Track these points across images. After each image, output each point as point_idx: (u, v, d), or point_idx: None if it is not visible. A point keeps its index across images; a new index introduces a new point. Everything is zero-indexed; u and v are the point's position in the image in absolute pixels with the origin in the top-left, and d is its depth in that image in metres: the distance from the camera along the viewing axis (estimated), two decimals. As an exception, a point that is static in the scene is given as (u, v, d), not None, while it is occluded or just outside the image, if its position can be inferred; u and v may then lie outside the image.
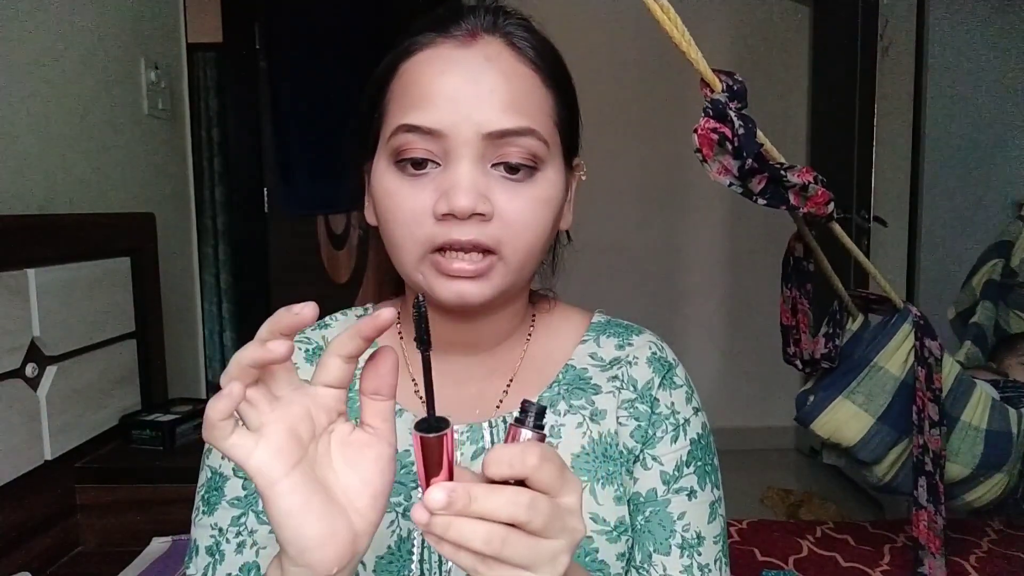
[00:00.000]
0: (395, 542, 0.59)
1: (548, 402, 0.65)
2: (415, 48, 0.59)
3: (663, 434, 0.65)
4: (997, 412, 1.40)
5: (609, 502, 0.62)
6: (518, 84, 0.57)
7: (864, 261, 1.28)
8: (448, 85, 0.56)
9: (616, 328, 0.71)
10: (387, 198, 0.58)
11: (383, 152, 0.59)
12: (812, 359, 1.37)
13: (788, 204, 0.99)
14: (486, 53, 0.57)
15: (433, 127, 0.55)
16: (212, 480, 0.64)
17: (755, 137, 0.90)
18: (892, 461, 1.37)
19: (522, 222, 0.57)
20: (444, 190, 0.55)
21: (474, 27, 0.58)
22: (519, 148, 0.57)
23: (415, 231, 0.56)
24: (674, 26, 0.80)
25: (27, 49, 1.37)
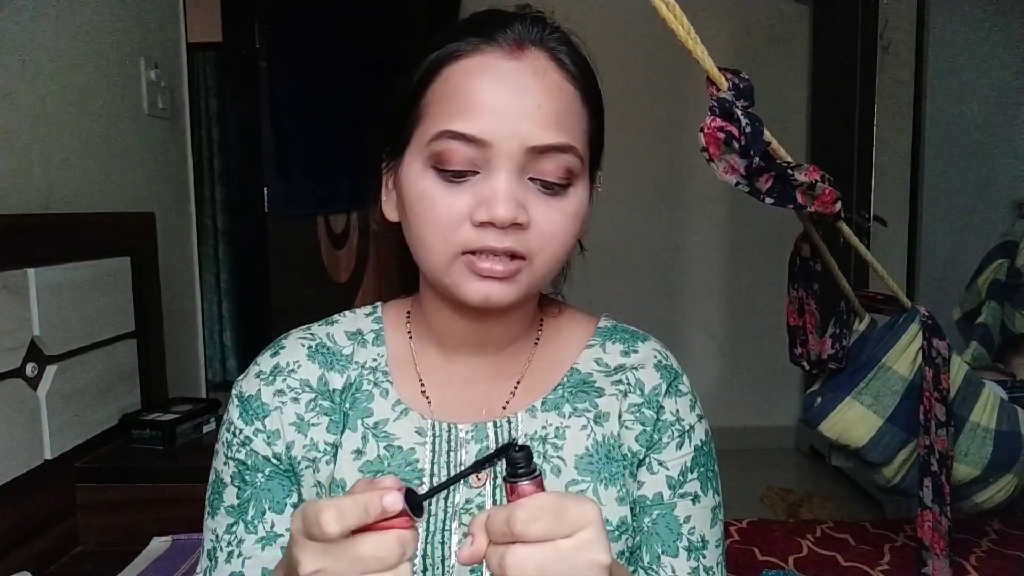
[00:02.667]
0: None
1: (552, 404, 0.66)
2: (460, 53, 0.58)
3: (669, 439, 0.66)
4: (1006, 412, 1.39)
5: (611, 503, 0.63)
6: (562, 101, 0.58)
7: (872, 261, 1.27)
8: (496, 96, 0.57)
9: (622, 334, 0.72)
10: (422, 200, 0.58)
11: (419, 153, 0.59)
12: (819, 360, 1.36)
13: (795, 203, 0.99)
14: (534, 67, 0.58)
15: (479, 136, 0.56)
16: (215, 484, 0.66)
17: (762, 135, 0.90)
18: (901, 462, 1.36)
19: (553, 234, 0.59)
20: (484, 198, 0.56)
21: (521, 38, 0.58)
22: (557, 165, 0.58)
23: (449, 235, 0.57)
24: (680, 24, 0.80)
25: (27, 49, 1.36)
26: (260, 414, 0.65)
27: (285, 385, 0.65)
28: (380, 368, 0.67)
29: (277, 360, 0.67)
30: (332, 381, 0.66)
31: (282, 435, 0.64)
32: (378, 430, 0.64)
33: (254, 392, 0.65)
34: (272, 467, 0.64)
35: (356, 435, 0.64)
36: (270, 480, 0.64)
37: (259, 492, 0.64)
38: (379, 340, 0.69)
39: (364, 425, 0.64)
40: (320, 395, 0.65)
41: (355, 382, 0.66)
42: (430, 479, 0.62)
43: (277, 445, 0.64)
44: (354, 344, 0.69)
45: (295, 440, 0.64)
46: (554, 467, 0.63)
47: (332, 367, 0.67)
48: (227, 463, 0.65)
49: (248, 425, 0.65)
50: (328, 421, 0.65)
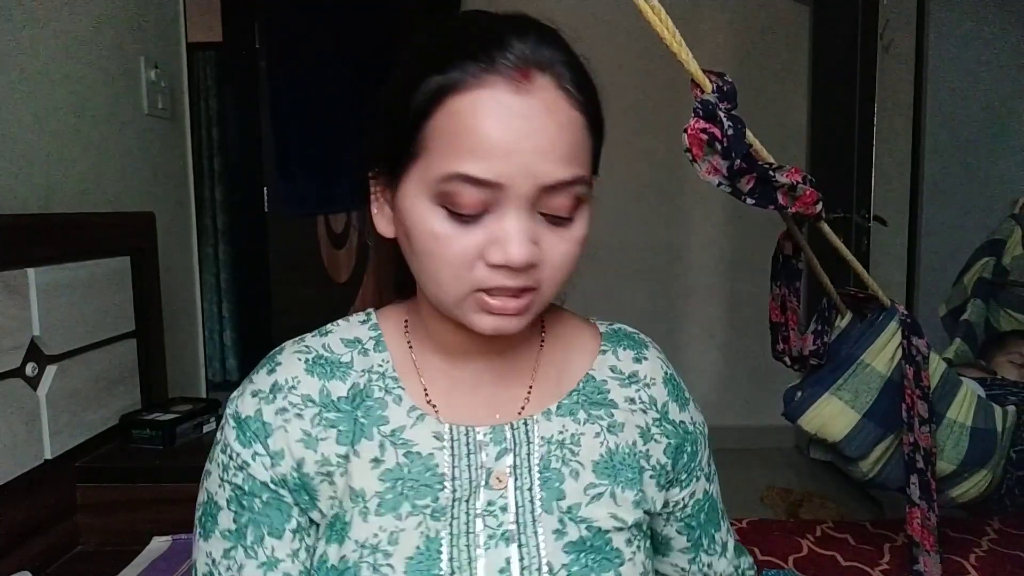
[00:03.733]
0: (423, 543, 0.60)
1: (568, 410, 0.68)
2: (463, 85, 0.55)
3: (699, 448, 0.74)
4: (982, 409, 1.41)
5: (628, 504, 0.66)
6: (573, 133, 0.57)
7: (852, 260, 1.28)
8: (508, 136, 0.54)
9: (626, 340, 0.74)
10: (432, 239, 0.57)
11: (424, 188, 0.57)
12: (800, 356, 1.38)
13: (777, 203, 1.00)
14: (544, 102, 0.55)
15: (492, 179, 0.55)
16: (207, 505, 0.64)
17: (744, 137, 0.91)
18: (877, 457, 1.38)
19: (564, 264, 0.60)
20: (497, 239, 0.56)
21: (524, 62, 0.55)
22: (568, 197, 0.58)
23: (463, 275, 0.57)
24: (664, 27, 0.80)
25: (27, 48, 1.37)
26: (260, 436, 0.62)
27: (287, 402, 0.63)
28: (388, 374, 0.66)
29: (275, 378, 0.64)
30: (335, 390, 0.64)
31: (288, 454, 0.62)
32: (395, 437, 0.63)
33: (252, 413, 0.63)
34: (270, 492, 0.62)
35: (373, 443, 0.63)
36: (268, 506, 0.62)
37: (257, 517, 0.62)
38: (380, 347, 0.68)
39: (380, 433, 0.63)
40: (324, 408, 0.64)
41: (364, 388, 0.65)
42: (452, 483, 0.62)
43: (281, 466, 0.62)
44: (352, 352, 0.67)
45: (305, 457, 0.62)
46: (572, 470, 0.65)
47: (332, 376, 0.65)
48: (222, 486, 0.63)
49: (246, 448, 0.62)
50: (336, 433, 0.63)
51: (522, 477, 0.64)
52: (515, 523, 0.62)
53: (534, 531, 0.62)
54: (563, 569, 0.61)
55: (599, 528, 0.64)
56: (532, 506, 0.63)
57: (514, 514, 0.62)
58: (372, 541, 0.60)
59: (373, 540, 0.60)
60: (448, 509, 0.62)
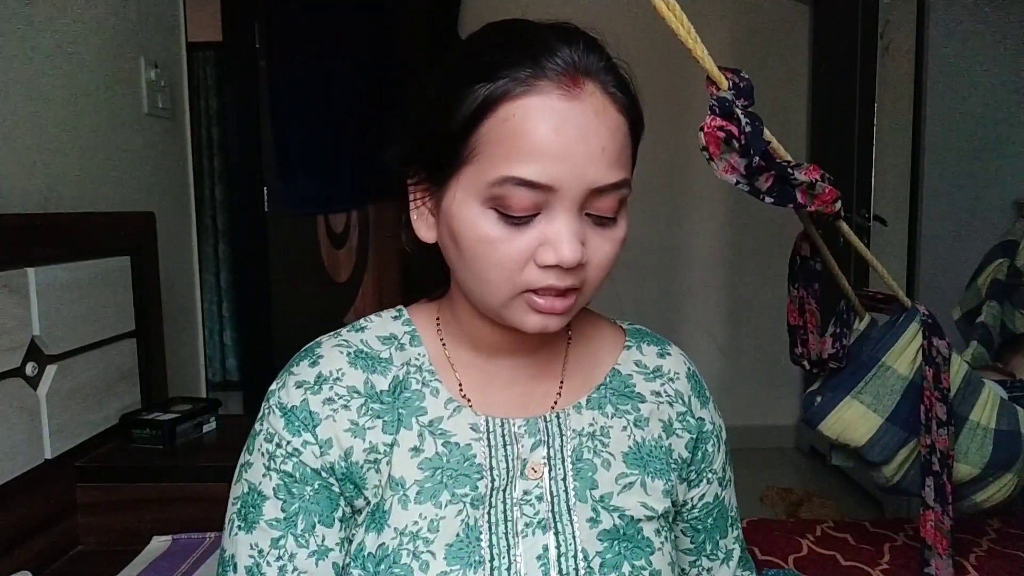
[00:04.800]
0: (463, 530, 0.62)
1: (596, 403, 0.70)
2: (515, 92, 0.57)
3: (713, 448, 0.75)
4: (1006, 412, 1.39)
5: (658, 494, 0.69)
6: (619, 138, 0.60)
7: (872, 260, 1.27)
8: (560, 141, 0.56)
9: (648, 336, 0.78)
10: (484, 243, 0.59)
11: (475, 193, 0.58)
12: (820, 359, 1.35)
13: (795, 202, 0.98)
14: (594, 108, 0.58)
15: (546, 183, 0.56)
16: (249, 496, 0.64)
17: (762, 135, 0.90)
18: (901, 461, 1.36)
19: (606, 264, 0.62)
20: (548, 240, 0.58)
21: (573, 68, 0.58)
22: (614, 199, 0.60)
23: (514, 277, 0.59)
24: (680, 23, 0.79)
25: (27, 48, 1.36)
26: (309, 424, 0.63)
27: (333, 393, 0.65)
28: (425, 367, 0.68)
29: (319, 369, 0.66)
30: (378, 384, 0.66)
31: (336, 443, 0.63)
32: (434, 427, 0.65)
33: (298, 403, 0.64)
34: (321, 480, 0.63)
35: (412, 433, 0.65)
36: (318, 494, 0.63)
37: (308, 505, 0.63)
38: (416, 341, 0.70)
39: (419, 423, 0.65)
40: (370, 399, 0.65)
41: (403, 380, 0.67)
42: (490, 473, 0.64)
43: (330, 455, 0.63)
44: (390, 348, 0.69)
45: (353, 446, 0.63)
46: (604, 461, 0.68)
47: (375, 371, 0.67)
48: (267, 475, 0.63)
49: (296, 436, 0.63)
50: (382, 423, 0.65)
51: (556, 468, 0.66)
52: (550, 512, 0.64)
53: (569, 519, 0.64)
54: (597, 556, 0.63)
55: (631, 517, 0.66)
56: (567, 495, 0.65)
57: (549, 503, 0.65)
58: (412, 528, 0.62)
59: (413, 527, 0.62)
60: (486, 498, 0.64)
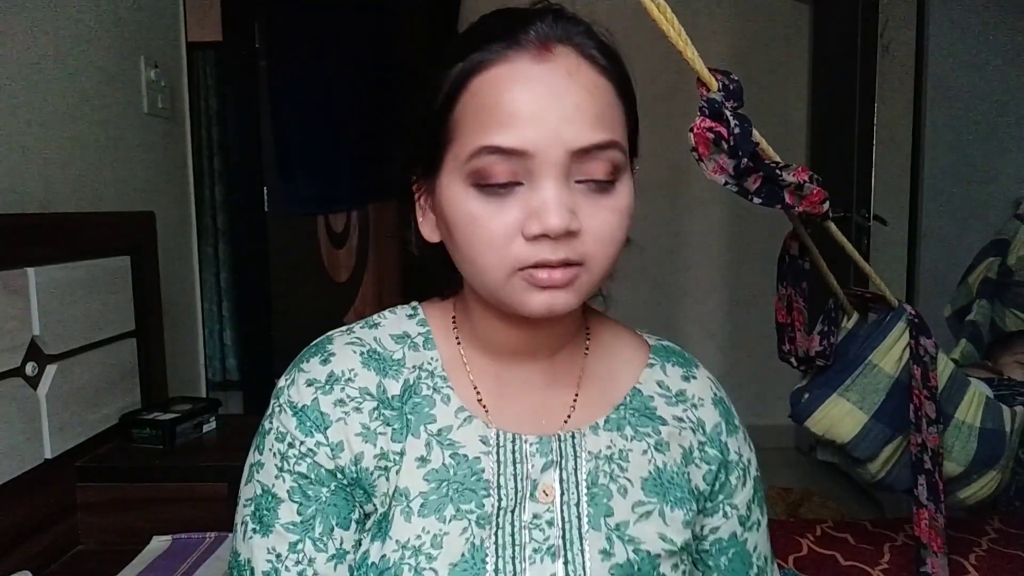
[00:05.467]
0: (468, 550, 0.59)
1: (615, 424, 0.66)
2: (486, 63, 0.56)
3: (736, 481, 0.69)
4: (991, 410, 1.41)
5: (677, 525, 0.64)
6: (600, 97, 0.56)
7: (859, 260, 1.28)
8: (531, 103, 0.54)
9: (676, 357, 0.73)
10: (470, 222, 0.56)
11: (458, 173, 0.57)
12: (807, 357, 1.37)
13: (783, 203, 0.99)
14: (566, 67, 0.55)
15: (519, 147, 0.54)
16: (263, 498, 0.62)
17: (751, 136, 0.90)
18: (886, 458, 1.38)
19: (608, 235, 0.57)
20: (533, 210, 0.54)
21: (545, 37, 0.56)
22: (603, 162, 0.56)
23: (504, 253, 0.55)
24: (671, 26, 0.80)
25: (27, 48, 1.36)
26: (321, 425, 0.61)
27: (345, 395, 0.62)
28: (437, 372, 0.65)
29: (330, 368, 0.63)
30: (390, 388, 0.63)
31: (347, 447, 0.61)
32: (442, 437, 0.62)
33: (309, 402, 0.61)
34: (336, 482, 0.61)
35: (420, 442, 0.62)
36: (335, 495, 0.61)
37: (325, 508, 0.60)
38: (429, 343, 0.66)
39: (428, 432, 0.62)
40: (382, 404, 0.62)
41: (412, 385, 0.64)
42: (497, 491, 0.61)
43: (341, 458, 0.61)
44: (403, 348, 0.66)
45: (364, 451, 0.61)
46: (621, 487, 0.63)
47: (387, 374, 0.64)
48: (281, 477, 0.61)
49: (309, 436, 0.61)
50: (392, 431, 0.62)
51: (569, 492, 0.62)
52: (561, 538, 0.61)
53: (581, 548, 0.61)
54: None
55: (648, 552, 0.62)
56: (579, 522, 0.62)
57: (560, 529, 0.61)
58: (415, 542, 0.59)
59: (416, 541, 0.59)
60: (494, 518, 0.60)
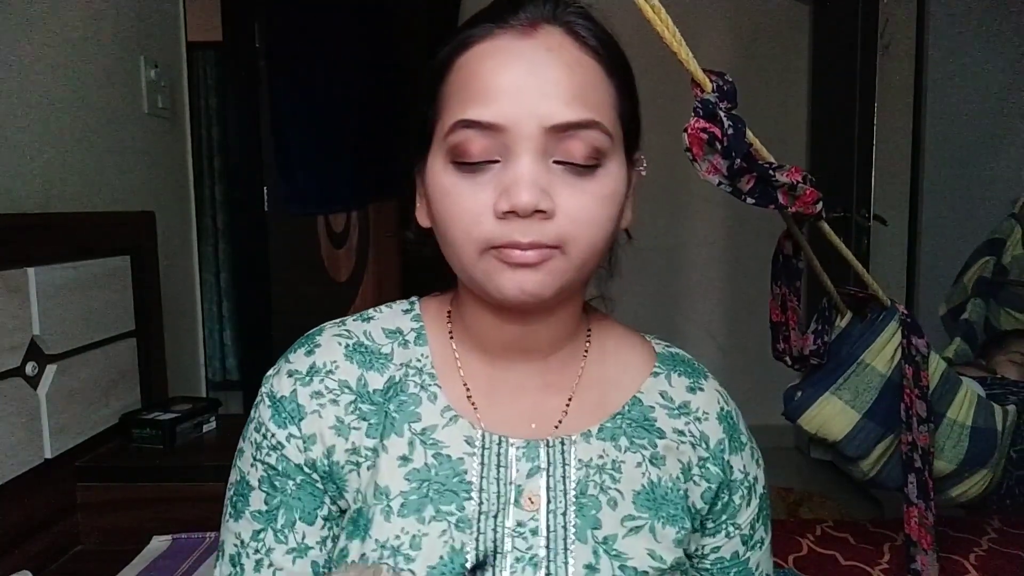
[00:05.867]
0: (447, 553, 0.58)
1: (609, 434, 0.63)
2: (471, 40, 0.56)
3: (741, 500, 0.67)
4: (983, 409, 1.41)
5: (668, 542, 0.62)
6: (582, 75, 0.55)
7: (852, 260, 1.29)
8: (508, 77, 0.53)
9: (683, 366, 0.70)
10: (444, 197, 0.56)
11: (438, 150, 0.57)
12: (801, 355, 1.38)
13: (777, 203, 1.00)
14: (547, 44, 0.55)
15: (494, 121, 0.53)
16: (239, 485, 0.63)
17: (744, 137, 0.91)
18: (877, 456, 1.39)
19: (585, 219, 0.55)
20: (505, 186, 0.53)
21: (534, 17, 0.56)
22: (583, 143, 0.54)
23: (473, 229, 0.54)
24: (665, 26, 0.80)
25: (26, 47, 1.36)
26: (295, 417, 0.61)
27: (323, 386, 0.61)
28: (426, 370, 0.63)
29: (313, 360, 0.63)
30: (372, 381, 0.62)
31: (320, 440, 0.60)
32: (426, 436, 0.61)
33: (287, 393, 0.61)
34: (304, 476, 0.61)
35: (403, 440, 0.60)
36: (301, 489, 0.61)
37: (289, 501, 0.60)
38: (421, 340, 0.65)
39: (411, 430, 0.61)
40: (360, 397, 0.62)
41: (399, 382, 0.63)
42: (479, 495, 0.59)
43: (313, 451, 0.60)
44: (393, 343, 0.65)
45: (336, 444, 0.60)
46: (611, 499, 0.61)
47: (371, 367, 0.63)
48: (255, 465, 0.61)
49: (281, 429, 0.61)
50: (367, 425, 0.61)
51: (556, 500, 0.60)
52: (546, 548, 0.59)
53: (564, 560, 0.58)
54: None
55: (635, 569, 0.59)
56: (565, 532, 0.59)
57: (545, 539, 0.59)
58: (394, 542, 0.58)
59: (395, 541, 0.58)
60: (475, 522, 0.59)
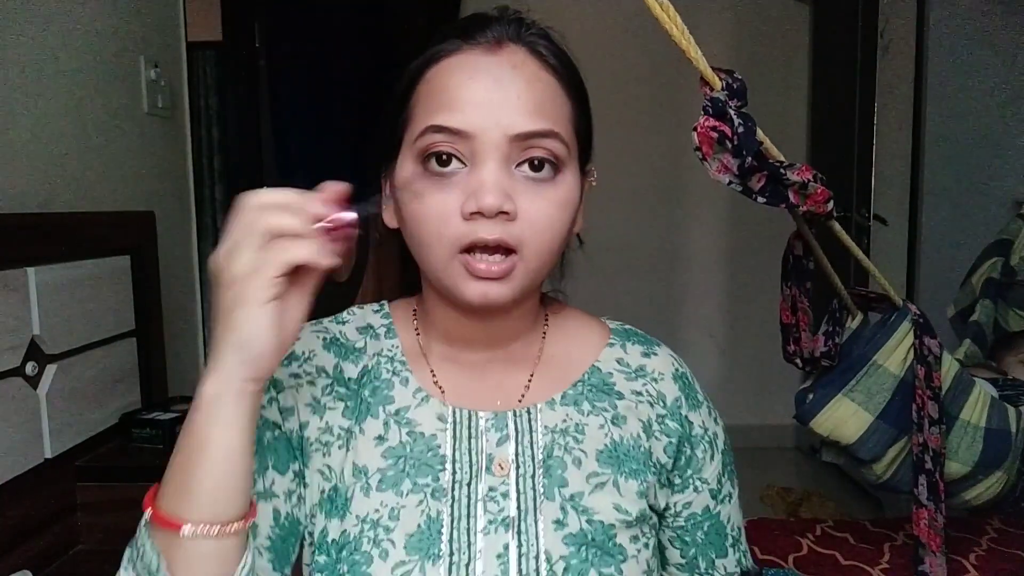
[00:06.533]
0: (424, 522, 0.62)
1: (572, 400, 0.68)
2: (441, 55, 0.62)
3: (703, 455, 0.71)
4: (996, 410, 1.40)
5: (631, 495, 0.66)
6: (542, 90, 0.61)
7: (863, 259, 1.28)
8: (476, 90, 0.59)
9: (637, 336, 0.75)
10: (414, 200, 0.60)
11: (408, 154, 0.62)
12: (812, 357, 1.37)
13: (787, 202, 0.99)
14: (512, 61, 0.60)
15: (462, 128, 0.58)
16: None
17: (755, 135, 0.90)
18: (891, 459, 1.37)
19: (543, 223, 0.60)
20: (472, 190, 0.58)
21: (500, 36, 0.61)
22: (542, 151, 0.60)
23: (443, 230, 0.59)
24: (673, 24, 0.80)
25: (27, 47, 1.36)
26: (276, 387, 0.65)
27: (301, 370, 0.66)
28: (396, 358, 0.69)
29: (292, 349, 0.66)
30: (347, 370, 0.67)
31: (296, 414, 0.65)
32: (400, 416, 0.66)
33: None
34: (281, 432, 0.65)
35: (378, 422, 0.65)
36: (277, 441, 0.64)
37: (264, 449, 0.63)
38: (391, 333, 0.71)
39: (386, 412, 0.66)
40: (336, 382, 0.67)
41: (372, 369, 0.68)
42: (452, 465, 0.64)
43: (290, 422, 0.65)
44: (366, 338, 0.70)
45: (310, 421, 0.65)
46: (575, 459, 0.65)
47: (347, 358, 0.68)
48: None
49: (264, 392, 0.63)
50: (344, 407, 0.66)
51: (525, 465, 0.65)
52: (516, 509, 0.63)
53: (534, 519, 0.63)
54: (561, 560, 0.62)
55: (601, 522, 0.64)
56: (534, 493, 0.64)
57: (515, 501, 0.63)
58: (373, 516, 0.62)
59: (374, 515, 0.62)
60: (449, 491, 0.63)
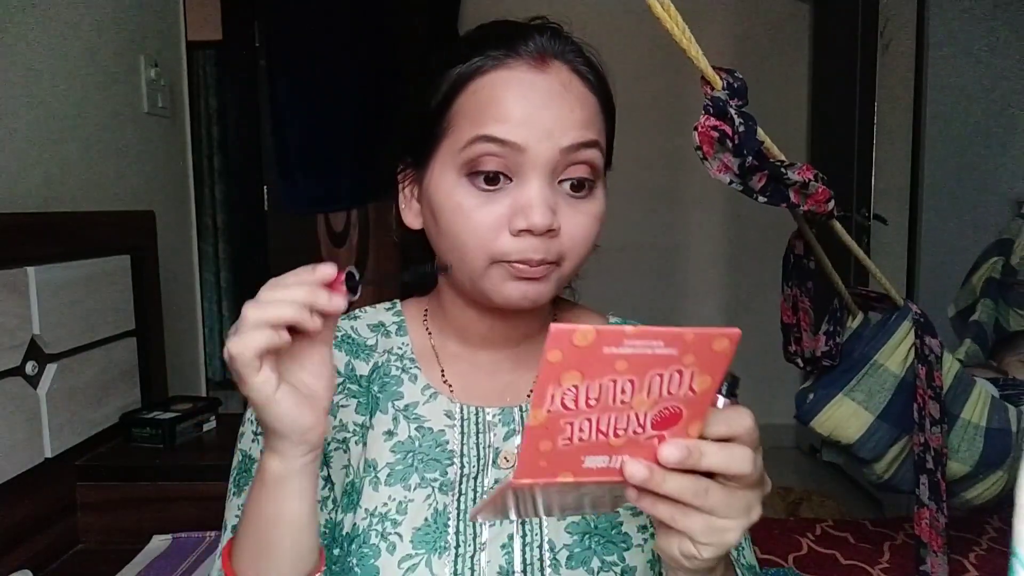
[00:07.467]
0: (431, 515, 0.63)
1: None
2: (487, 67, 0.62)
3: None
4: (997, 410, 1.40)
5: None
6: (587, 108, 0.63)
7: (864, 259, 1.28)
8: (527, 106, 0.60)
9: None
10: (458, 212, 0.61)
11: (451, 163, 0.62)
12: (813, 357, 1.37)
13: (788, 202, 0.99)
14: (560, 79, 0.62)
15: (514, 140, 0.59)
16: (242, 463, 0.68)
17: (755, 135, 0.90)
18: (892, 459, 1.37)
19: (581, 237, 0.63)
20: (520, 206, 0.60)
21: (542, 50, 0.62)
22: (586, 162, 0.62)
23: (489, 244, 0.60)
24: (675, 24, 0.80)
25: (27, 47, 1.36)
26: None
27: None
28: (406, 355, 0.71)
29: None
30: (359, 368, 0.69)
31: None
32: (408, 412, 0.67)
33: None
34: None
35: (387, 417, 0.67)
36: None
37: None
38: (402, 331, 0.73)
39: (395, 407, 0.67)
40: (348, 379, 0.68)
41: (382, 366, 0.69)
42: (460, 460, 0.65)
43: None
44: (377, 335, 0.72)
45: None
46: None
47: (358, 356, 0.70)
48: (256, 440, 0.67)
49: None
50: (357, 403, 0.67)
51: None
52: None
53: None
54: (564, 549, 0.63)
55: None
56: None
57: None
58: (382, 509, 0.63)
59: (383, 508, 0.63)
60: (456, 484, 0.65)
